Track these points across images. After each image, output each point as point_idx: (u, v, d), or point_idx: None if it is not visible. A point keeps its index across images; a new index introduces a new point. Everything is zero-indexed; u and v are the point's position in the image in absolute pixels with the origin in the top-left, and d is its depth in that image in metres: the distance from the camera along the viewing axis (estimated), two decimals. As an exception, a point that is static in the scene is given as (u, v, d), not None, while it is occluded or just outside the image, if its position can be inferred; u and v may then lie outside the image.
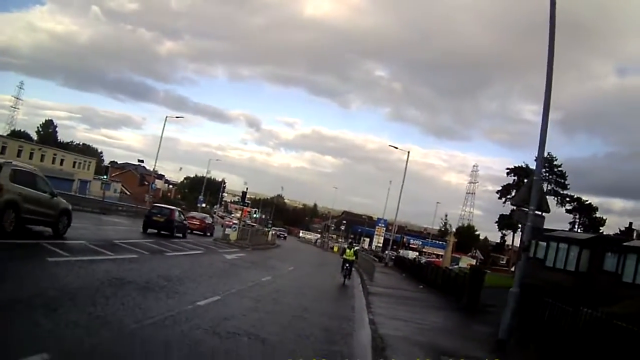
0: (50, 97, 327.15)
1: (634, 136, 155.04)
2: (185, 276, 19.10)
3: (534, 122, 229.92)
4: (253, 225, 78.34)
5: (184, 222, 44.59)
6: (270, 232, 74.86)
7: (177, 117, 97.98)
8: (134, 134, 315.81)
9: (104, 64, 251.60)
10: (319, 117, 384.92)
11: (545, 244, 44.89)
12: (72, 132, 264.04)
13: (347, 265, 32.57)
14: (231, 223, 54.70)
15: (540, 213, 16.52)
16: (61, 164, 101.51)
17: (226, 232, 49.57)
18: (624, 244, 38.68)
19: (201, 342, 10.05)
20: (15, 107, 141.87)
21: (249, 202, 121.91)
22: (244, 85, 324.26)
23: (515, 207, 19.52)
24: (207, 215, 65.36)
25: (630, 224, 78.52)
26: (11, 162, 20.18)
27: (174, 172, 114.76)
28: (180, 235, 41.40)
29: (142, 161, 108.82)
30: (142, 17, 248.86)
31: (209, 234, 53.06)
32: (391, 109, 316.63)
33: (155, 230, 38.74)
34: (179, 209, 47.43)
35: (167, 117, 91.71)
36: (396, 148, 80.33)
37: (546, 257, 43.42)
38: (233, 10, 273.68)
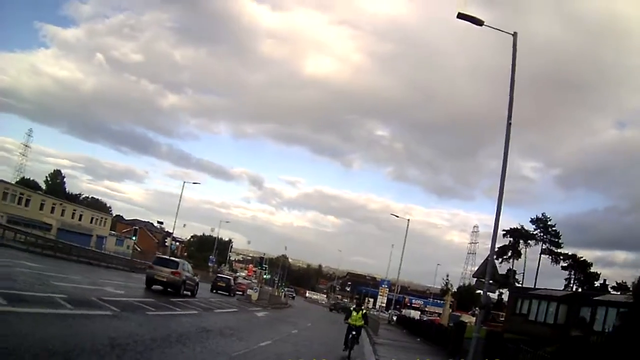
0: (53, 144, 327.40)
1: (634, 189, 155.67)
2: (240, 327, 26.50)
3: (533, 178, 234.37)
4: (267, 287, 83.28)
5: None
6: (282, 293, 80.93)
7: (194, 183, 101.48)
8: (136, 187, 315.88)
9: (107, 114, 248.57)
10: (321, 177, 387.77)
11: (528, 300, 50.84)
12: (76, 182, 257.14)
13: (354, 332, 24.05)
14: (249, 285, 61.32)
15: (494, 282, 23.14)
16: (80, 219, 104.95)
17: (248, 293, 56.07)
18: (594, 298, 44.34)
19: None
20: (24, 155, 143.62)
21: (266, 266, 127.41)
22: (246, 142, 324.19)
23: (476, 279, 25.84)
24: (232, 277, 71.03)
25: (604, 280, 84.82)
26: None
27: (178, 229, 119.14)
28: (189, 293, 39.94)
29: (161, 222, 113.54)
30: (146, 68, 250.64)
31: (231, 294, 57.92)
32: (393, 168, 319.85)
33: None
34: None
35: (184, 182, 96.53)
36: (397, 216, 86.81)
37: (529, 312, 49.12)
38: (235, 66, 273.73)
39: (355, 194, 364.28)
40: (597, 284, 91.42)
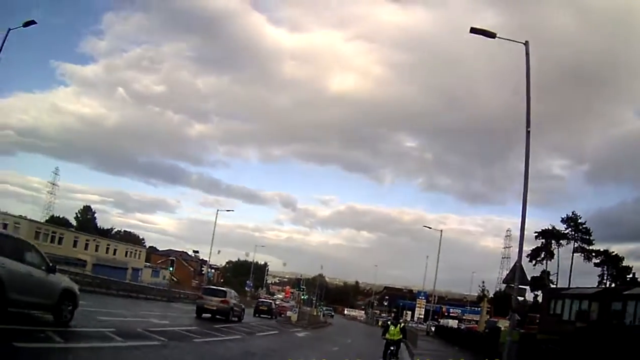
0: (80, 180, 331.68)
1: None
2: (282, 348, 28.30)
3: (563, 176, 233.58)
4: (306, 307, 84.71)
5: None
6: (321, 313, 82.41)
7: (227, 211, 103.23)
8: (167, 217, 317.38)
9: (133, 147, 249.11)
10: (353, 193, 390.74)
11: (561, 300, 51.86)
12: (106, 216, 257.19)
13: (392, 348, 24.22)
14: (290, 307, 63.09)
15: (523, 286, 24.58)
16: (114, 253, 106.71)
17: (287, 314, 57.74)
18: (624, 292, 45.13)
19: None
20: (52, 193, 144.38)
21: (304, 287, 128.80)
22: (276, 165, 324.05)
23: (505, 284, 27.27)
24: (273, 301, 72.94)
25: (633, 274, 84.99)
26: None
27: (213, 256, 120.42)
28: (236, 319, 41.96)
29: (197, 252, 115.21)
30: (169, 99, 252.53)
31: (273, 317, 59.62)
32: (423, 179, 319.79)
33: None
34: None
35: (218, 210, 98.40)
36: (430, 228, 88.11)
37: (562, 312, 50.15)
38: (259, 90, 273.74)
39: (388, 208, 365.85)
40: (629, 277, 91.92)
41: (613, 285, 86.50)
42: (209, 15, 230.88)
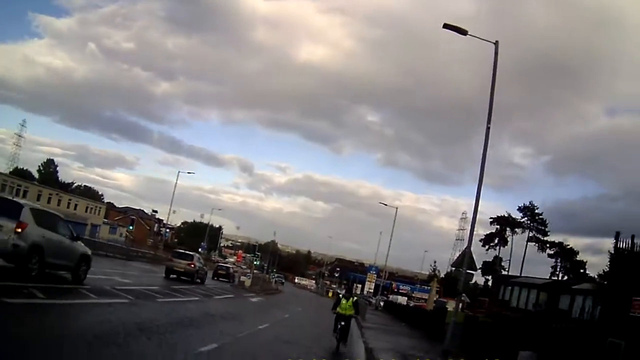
0: (46, 133, 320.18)
1: (624, 177, 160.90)
2: (239, 312, 29.36)
3: (524, 164, 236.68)
4: (256, 272, 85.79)
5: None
6: (273, 280, 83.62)
7: (188, 173, 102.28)
8: (126, 174, 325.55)
9: (99, 102, 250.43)
10: (311, 162, 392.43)
11: (511, 287, 53.42)
12: (67, 170, 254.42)
13: (342, 323, 21.63)
14: (246, 272, 64.25)
15: (470, 271, 25.64)
16: (75, 208, 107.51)
17: (241, 280, 58.75)
18: (573, 287, 46.65)
19: (272, 343, 19.56)
20: (17, 145, 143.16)
21: (259, 253, 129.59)
22: (237, 129, 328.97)
23: (454, 268, 28.39)
24: (232, 265, 74.15)
25: (585, 269, 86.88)
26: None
27: (167, 215, 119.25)
28: (199, 281, 45.18)
29: (156, 212, 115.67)
30: (138, 57, 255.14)
31: (231, 280, 61.16)
32: (383, 154, 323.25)
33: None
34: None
35: (179, 172, 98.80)
36: (385, 205, 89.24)
37: (511, 298, 51.82)
38: (228, 54, 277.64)
39: (345, 180, 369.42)
40: (584, 271, 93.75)
41: (565, 277, 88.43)
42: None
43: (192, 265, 44.39)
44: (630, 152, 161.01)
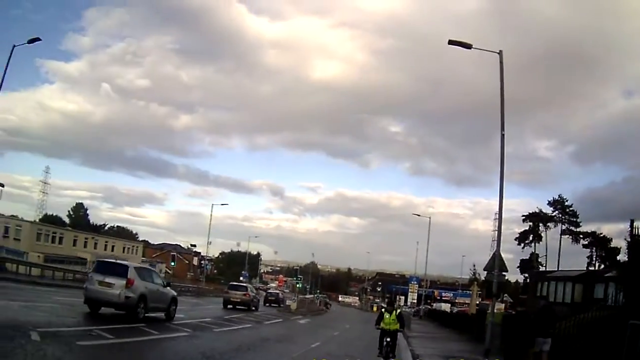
0: (69, 176, 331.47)
1: None
2: (291, 334, 31.52)
3: (549, 157, 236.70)
4: (305, 297, 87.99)
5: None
6: (318, 300, 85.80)
7: (222, 205, 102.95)
8: (156, 210, 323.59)
9: (120, 142, 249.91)
10: (340, 179, 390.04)
11: (547, 283, 54.90)
12: (96, 212, 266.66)
13: (388, 339, 19.83)
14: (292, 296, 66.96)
15: (502, 273, 27.55)
16: (112, 250, 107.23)
17: (287, 303, 61.27)
18: (606, 275, 47.77)
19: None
20: (44, 192, 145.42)
21: (301, 277, 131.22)
22: (262, 153, 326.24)
23: (487, 271, 30.18)
24: (280, 291, 78.54)
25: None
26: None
27: (203, 247, 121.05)
28: (254, 308, 50.56)
29: (194, 245, 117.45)
30: (154, 92, 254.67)
31: (280, 305, 64.20)
32: (410, 163, 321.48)
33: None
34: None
35: (213, 204, 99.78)
36: (418, 215, 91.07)
37: (548, 293, 53.08)
38: (242, 80, 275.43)
39: (376, 193, 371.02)
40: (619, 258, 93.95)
41: (602, 266, 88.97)
42: (190, 7, 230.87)
43: (247, 295, 49.88)
44: None
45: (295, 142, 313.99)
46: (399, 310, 21.03)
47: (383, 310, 20.98)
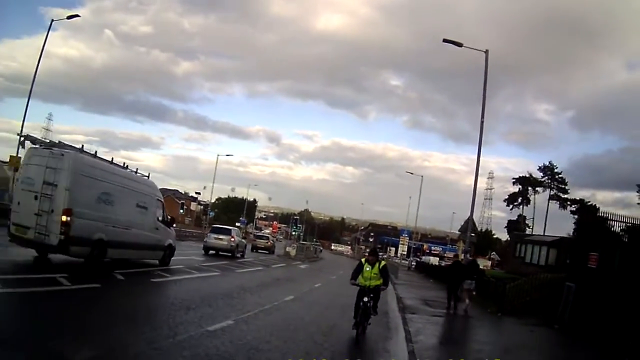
0: (68, 121, 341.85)
1: None
2: (295, 277, 38.36)
3: (548, 121, 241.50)
4: (302, 243, 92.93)
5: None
6: (314, 248, 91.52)
7: (227, 155, 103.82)
8: (153, 154, 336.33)
9: (120, 87, 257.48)
10: (337, 129, 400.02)
11: (525, 245, 60.61)
12: None
13: (366, 299, 15.68)
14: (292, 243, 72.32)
15: (473, 234, 33.79)
16: None
17: (287, 250, 68.30)
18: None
19: (327, 295, 28.03)
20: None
21: (300, 225, 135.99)
22: (261, 101, 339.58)
23: (460, 232, 36.28)
24: (270, 236, 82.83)
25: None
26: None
27: (201, 191, 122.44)
28: (239, 255, 47.03)
29: (199, 193, 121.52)
30: (156, 39, 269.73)
31: (271, 253, 66.08)
32: (408, 117, 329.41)
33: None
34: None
35: (218, 155, 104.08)
36: (412, 173, 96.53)
37: (525, 255, 58.68)
38: (245, 29, 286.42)
39: (372, 144, 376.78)
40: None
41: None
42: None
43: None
44: None
45: (295, 90, 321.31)
46: (383, 263, 16.73)
47: (363, 260, 16.78)
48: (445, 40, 33.63)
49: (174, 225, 30.71)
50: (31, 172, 19.83)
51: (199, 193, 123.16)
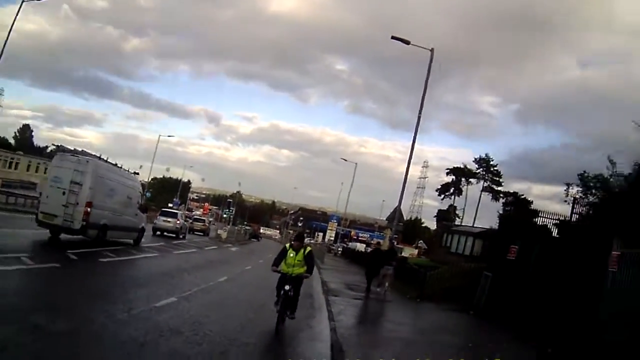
0: (18, 96, 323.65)
1: (592, 128, 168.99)
2: (227, 259, 40.79)
3: (492, 113, 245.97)
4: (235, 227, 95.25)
5: (186, 224, 57.73)
6: (244, 231, 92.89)
7: (169, 136, 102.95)
8: (94, 131, 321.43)
9: (72, 63, 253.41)
10: (277, 112, 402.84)
11: (451, 235, 62.44)
12: (37, 132, 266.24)
13: (289, 287, 14.93)
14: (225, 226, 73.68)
15: (401, 223, 35.28)
16: None
17: (218, 232, 69.95)
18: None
19: (257, 277, 29.40)
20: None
21: (233, 208, 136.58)
22: (206, 81, 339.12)
23: (388, 220, 37.84)
24: (205, 219, 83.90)
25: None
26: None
27: (135, 170, 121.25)
28: (182, 237, 52.04)
29: (137, 173, 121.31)
30: (111, 14, 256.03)
31: (206, 235, 68.81)
32: (350, 102, 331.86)
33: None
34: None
35: (160, 135, 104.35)
36: (345, 160, 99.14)
37: (451, 245, 60.45)
38: (199, 6, 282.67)
39: (310, 128, 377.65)
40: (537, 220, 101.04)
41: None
42: None
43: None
44: (599, 104, 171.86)
45: (240, 71, 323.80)
46: (308, 248, 15.77)
47: (288, 245, 15.92)
48: (393, 38, 35.36)
49: (147, 212, 38.28)
50: (60, 173, 26.05)
51: (137, 173, 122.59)
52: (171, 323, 12.91)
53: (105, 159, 29.24)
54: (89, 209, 25.60)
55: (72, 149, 28.89)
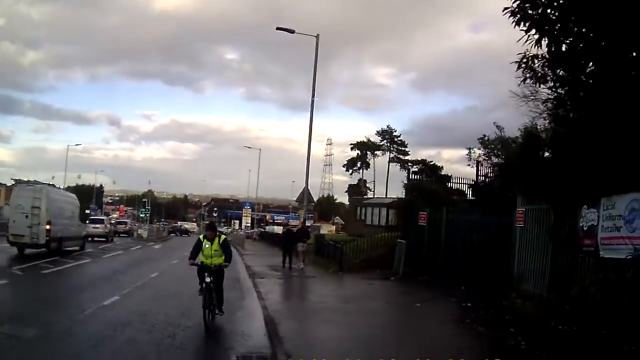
0: None
1: (491, 89, 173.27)
2: (153, 256, 42.07)
3: (388, 84, 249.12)
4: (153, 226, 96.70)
5: (112, 228, 63.74)
6: (163, 228, 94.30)
7: (76, 145, 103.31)
8: (4, 148, 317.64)
9: None
10: (175, 107, 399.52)
11: (365, 208, 64.49)
12: None
13: (209, 279, 14.50)
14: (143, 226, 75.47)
15: (313, 203, 37.21)
16: None
17: (139, 232, 71.94)
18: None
19: (185, 270, 30.41)
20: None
21: (149, 208, 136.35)
22: (102, 85, 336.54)
23: (298, 202, 39.88)
24: (128, 221, 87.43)
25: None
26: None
27: (50, 182, 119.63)
28: (110, 240, 57.01)
29: (54, 185, 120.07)
30: (6, 30, 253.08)
31: (131, 236, 71.10)
32: (245, 89, 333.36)
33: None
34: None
35: (68, 145, 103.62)
36: (250, 148, 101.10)
37: (366, 217, 62.36)
38: (89, 13, 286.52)
39: (209, 118, 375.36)
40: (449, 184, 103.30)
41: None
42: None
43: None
44: (497, 65, 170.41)
45: (134, 71, 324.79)
46: (223, 237, 15.66)
47: (201, 237, 15.48)
48: (278, 28, 37.35)
49: (86, 222, 47.80)
50: (21, 201, 32.40)
51: (53, 184, 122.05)
52: (121, 317, 14.87)
53: (53, 184, 32.68)
54: (49, 227, 31.81)
55: (27, 180, 32.75)
